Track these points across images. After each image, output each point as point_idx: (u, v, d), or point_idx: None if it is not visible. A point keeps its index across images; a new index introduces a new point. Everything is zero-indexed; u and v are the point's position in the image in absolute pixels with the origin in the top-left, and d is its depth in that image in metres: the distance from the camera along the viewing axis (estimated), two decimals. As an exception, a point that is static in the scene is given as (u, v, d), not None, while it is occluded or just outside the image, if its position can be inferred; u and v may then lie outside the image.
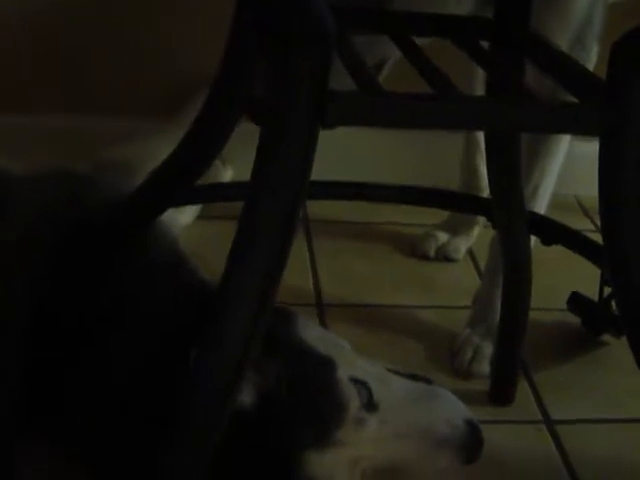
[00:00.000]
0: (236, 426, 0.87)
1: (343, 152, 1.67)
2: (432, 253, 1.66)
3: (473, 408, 1.27)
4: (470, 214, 1.55)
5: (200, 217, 1.67)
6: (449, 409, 1.09)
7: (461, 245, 1.66)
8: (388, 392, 1.06)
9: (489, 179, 1.09)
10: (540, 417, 1.30)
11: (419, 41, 0.84)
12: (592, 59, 1.34)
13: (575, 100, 0.76)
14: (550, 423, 1.29)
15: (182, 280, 1.10)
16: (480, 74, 1.40)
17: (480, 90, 1.40)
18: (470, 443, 1.07)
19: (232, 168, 1.65)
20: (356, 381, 1.03)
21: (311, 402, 0.99)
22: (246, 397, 0.96)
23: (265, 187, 0.68)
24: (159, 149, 1.56)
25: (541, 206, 1.37)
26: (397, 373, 1.10)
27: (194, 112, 1.60)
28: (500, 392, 1.31)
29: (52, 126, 1.76)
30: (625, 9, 1.48)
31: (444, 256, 1.66)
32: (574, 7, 1.30)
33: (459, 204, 1.23)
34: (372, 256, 1.65)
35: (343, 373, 1.03)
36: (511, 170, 1.03)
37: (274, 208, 0.68)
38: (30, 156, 1.26)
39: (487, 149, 1.02)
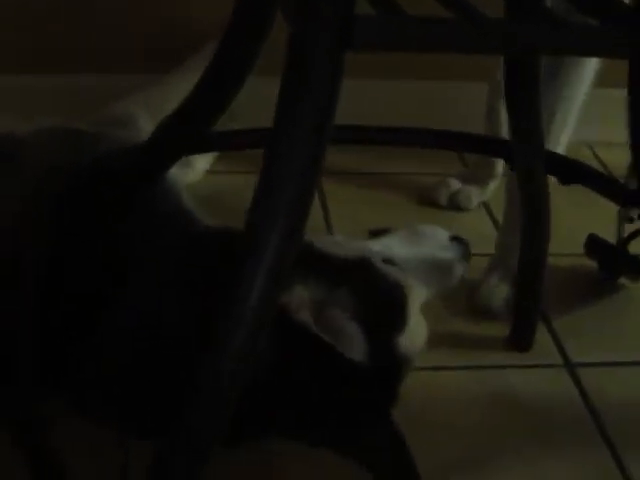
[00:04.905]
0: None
1: (362, 97, 1.64)
2: (444, 200, 1.64)
3: (493, 353, 1.28)
4: (488, 156, 1.52)
5: (210, 172, 1.67)
6: (437, 237, 1.14)
7: (472, 194, 1.63)
8: (395, 252, 1.09)
9: (509, 116, 1.07)
10: (560, 361, 1.30)
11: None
12: None
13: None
14: (570, 366, 1.29)
15: (187, 228, 1.10)
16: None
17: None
18: (465, 252, 1.13)
19: (237, 124, 1.63)
20: (385, 261, 1.05)
21: (383, 299, 1.01)
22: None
23: (290, 115, 0.66)
24: (160, 102, 1.55)
25: (559, 148, 1.35)
26: (383, 231, 1.14)
27: (195, 63, 1.60)
28: (520, 337, 1.31)
29: (53, 85, 1.75)
30: None
31: (456, 204, 1.64)
32: None
33: (476, 146, 1.21)
34: (385, 205, 1.64)
35: (376, 261, 1.04)
36: (530, 106, 1.01)
37: (300, 136, 0.66)
38: (32, 115, 1.25)
39: (506, 84, 1.00)
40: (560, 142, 1.38)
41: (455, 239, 1.13)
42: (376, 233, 1.14)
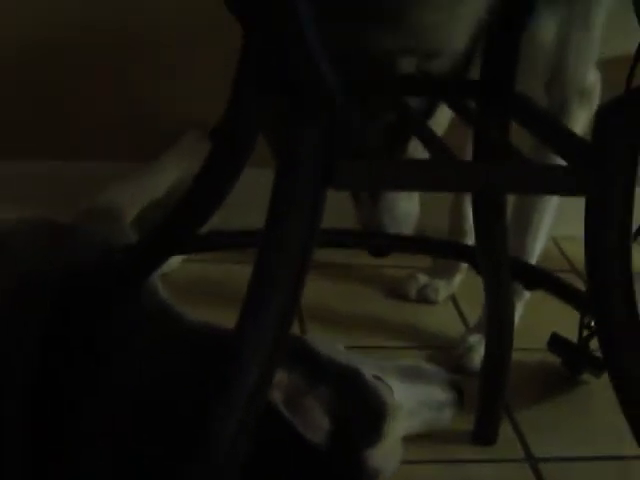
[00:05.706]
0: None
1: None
2: (413, 294, 1.70)
3: (458, 447, 1.32)
4: (454, 260, 1.59)
5: (185, 260, 1.71)
6: (437, 379, 1.22)
7: (440, 287, 1.70)
8: (391, 380, 1.15)
9: (475, 225, 1.13)
10: (523, 455, 1.34)
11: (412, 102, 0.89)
12: (571, 106, 1.39)
13: (560, 160, 0.81)
14: (533, 461, 1.33)
15: (166, 325, 1.14)
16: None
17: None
18: (459, 397, 1.23)
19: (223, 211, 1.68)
20: (377, 378, 1.11)
21: (363, 409, 1.07)
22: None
23: (274, 245, 0.72)
24: (144, 192, 1.60)
25: (532, 258, 1.44)
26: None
27: (176, 153, 1.65)
28: (484, 432, 1.35)
29: (34, 173, 1.79)
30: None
31: (424, 297, 1.70)
32: (538, 54, 1.36)
33: (443, 250, 1.27)
34: (355, 297, 1.69)
35: (367, 375, 1.10)
36: (496, 217, 1.07)
37: (284, 267, 0.72)
38: (14, 204, 1.28)
39: (473, 197, 1.06)
40: (534, 252, 1.46)
41: (453, 384, 1.21)
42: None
